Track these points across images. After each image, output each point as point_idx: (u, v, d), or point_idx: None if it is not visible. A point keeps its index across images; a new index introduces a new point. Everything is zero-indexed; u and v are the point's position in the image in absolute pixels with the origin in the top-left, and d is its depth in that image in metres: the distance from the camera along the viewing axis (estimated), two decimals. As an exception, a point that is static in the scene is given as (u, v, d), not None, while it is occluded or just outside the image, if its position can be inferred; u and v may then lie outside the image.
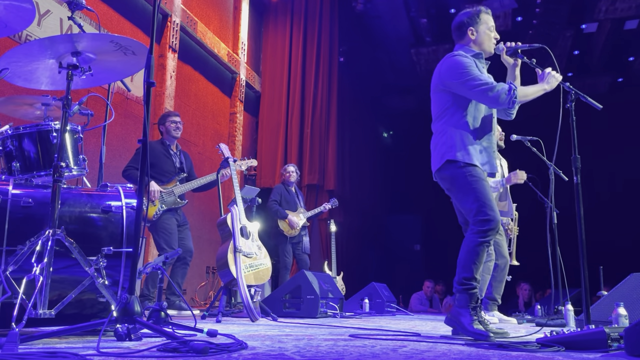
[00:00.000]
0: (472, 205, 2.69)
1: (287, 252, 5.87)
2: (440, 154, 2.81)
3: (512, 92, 2.69)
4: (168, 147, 4.61)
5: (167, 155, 4.57)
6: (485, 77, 2.77)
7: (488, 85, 2.69)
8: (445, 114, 2.84)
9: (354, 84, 10.32)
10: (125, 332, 1.89)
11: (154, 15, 2.21)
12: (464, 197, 2.74)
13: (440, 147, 2.82)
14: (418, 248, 11.81)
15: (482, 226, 2.65)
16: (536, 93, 2.76)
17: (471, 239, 2.68)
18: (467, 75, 2.73)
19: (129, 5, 5.58)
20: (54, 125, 2.46)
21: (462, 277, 2.67)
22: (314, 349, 1.91)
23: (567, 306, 4.18)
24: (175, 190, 4.46)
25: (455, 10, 8.66)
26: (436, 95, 2.91)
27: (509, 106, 2.73)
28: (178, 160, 4.64)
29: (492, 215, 2.65)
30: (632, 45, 9.83)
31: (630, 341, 1.84)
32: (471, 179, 2.71)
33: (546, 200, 5.16)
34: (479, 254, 2.65)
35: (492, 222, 2.64)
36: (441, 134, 2.84)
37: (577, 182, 2.47)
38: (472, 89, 2.72)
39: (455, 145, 2.75)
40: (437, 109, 2.90)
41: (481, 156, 2.77)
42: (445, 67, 2.84)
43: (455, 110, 2.81)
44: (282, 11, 8.61)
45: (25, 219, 2.22)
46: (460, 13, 3.00)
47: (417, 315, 6.46)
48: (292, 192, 6.09)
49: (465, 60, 2.78)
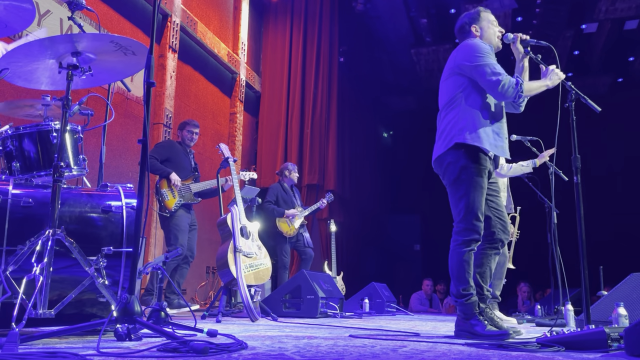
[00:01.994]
0: (460, 209, 2.71)
1: (285, 252, 5.84)
2: (449, 138, 2.76)
3: (519, 86, 2.69)
4: (185, 147, 4.88)
5: (185, 154, 4.83)
6: (499, 67, 2.75)
7: (498, 77, 2.68)
8: (460, 97, 2.79)
9: (354, 84, 10.32)
10: (125, 332, 1.89)
11: (154, 15, 2.21)
12: (455, 198, 2.75)
13: (450, 129, 2.76)
14: (418, 248, 11.81)
15: (465, 236, 2.68)
16: (539, 88, 2.76)
17: (457, 250, 2.70)
18: (481, 61, 2.72)
19: (129, 5, 5.58)
20: (54, 125, 2.46)
21: (460, 289, 2.68)
22: (314, 349, 1.91)
23: (567, 306, 4.18)
24: (191, 186, 4.68)
25: (455, 10, 8.66)
26: (449, 80, 2.86)
27: (514, 100, 2.73)
28: (193, 161, 4.91)
29: (477, 225, 2.67)
30: (632, 45, 9.83)
31: (630, 341, 1.84)
32: (469, 182, 2.69)
33: (546, 200, 5.17)
34: (468, 263, 2.69)
35: (475, 233, 2.67)
36: (452, 116, 2.78)
37: (577, 182, 2.47)
38: (482, 76, 2.71)
39: (467, 127, 2.71)
40: (449, 93, 2.85)
41: (492, 139, 2.73)
42: (462, 50, 2.83)
43: (470, 91, 2.78)
44: (282, 11, 8.61)
45: (25, 219, 2.22)
46: (460, 17, 3.02)
47: (417, 315, 6.46)
48: (289, 191, 6.02)
49: (484, 46, 2.78)
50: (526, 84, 2.74)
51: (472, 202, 2.67)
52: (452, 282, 2.72)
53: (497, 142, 2.76)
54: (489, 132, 2.74)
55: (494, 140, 2.74)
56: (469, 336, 2.63)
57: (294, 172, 6.07)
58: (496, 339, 2.50)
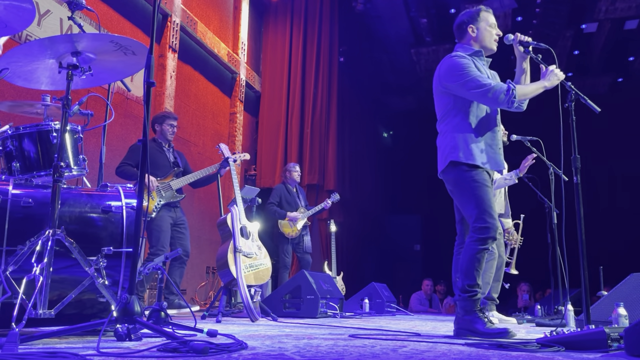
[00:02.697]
0: (472, 212, 2.73)
1: (286, 252, 5.85)
2: (444, 156, 2.84)
3: (510, 91, 2.69)
4: (161, 144, 4.64)
5: (159, 150, 4.60)
6: (484, 76, 2.76)
7: (486, 87, 2.70)
8: (448, 116, 2.86)
9: (354, 84, 10.32)
10: (125, 332, 1.89)
11: (154, 15, 2.21)
12: (466, 203, 2.77)
13: (444, 148, 2.85)
14: (418, 248, 11.81)
15: (481, 234, 2.69)
16: (536, 91, 2.76)
17: (471, 246, 2.71)
18: (465, 77, 2.73)
19: (129, 5, 5.58)
20: (54, 125, 2.45)
21: (466, 284, 2.69)
22: (314, 349, 1.91)
23: (567, 306, 4.18)
24: (172, 184, 4.47)
25: (455, 10, 8.66)
26: (438, 97, 2.93)
27: (508, 106, 2.74)
28: (172, 155, 4.67)
29: (491, 223, 2.69)
30: (632, 45, 9.83)
31: (630, 341, 1.84)
32: (474, 185, 2.73)
33: (546, 200, 5.17)
34: (480, 261, 2.69)
35: (490, 230, 2.68)
36: (444, 135, 2.87)
37: (577, 182, 2.47)
38: (470, 89, 2.73)
39: (458, 147, 2.77)
40: (440, 110, 2.93)
41: (484, 155, 2.77)
42: (444, 70, 2.85)
43: (457, 112, 2.83)
44: (282, 11, 8.61)
45: (25, 219, 2.22)
46: (460, 13, 3.02)
47: (417, 315, 6.46)
48: (293, 192, 6.02)
49: (463, 61, 2.79)
50: (521, 88, 2.74)
51: (481, 201, 2.70)
52: (460, 276, 2.73)
53: (489, 154, 2.80)
54: (482, 145, 2.79)
55: (486, 154, 2.79)
56: (468, 333, 2.64)
57: (293, 172, 6.06)
58: (496, 336, 2.50)
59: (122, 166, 4.37)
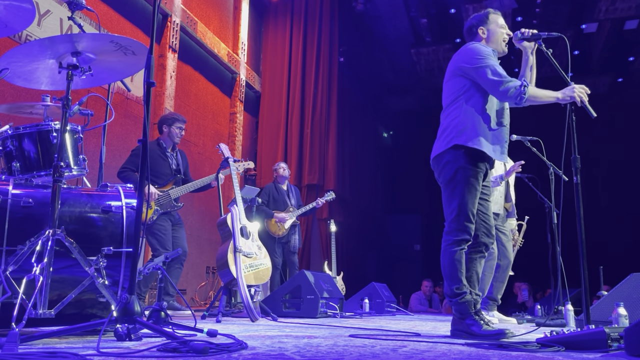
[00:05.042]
0: (452, 209, 2.73)
1: (276, 253, 5.84)
2: (448, 138, 2.77)
3: (522, 88, 2.67)
4: (165, 149, 4.57)
5: (163, 157, 4.53)
6: (501, 69, 2.76)
7: (501, 78, 2.69)
8: (462, 98, 2.80)
9: (354, 84, 10.32)
10: (125, 332, 1.89)
11: (154, 15, 2.21)
12: (449, 197, 2.76)
13: (450, 130, 2.78)
14: (418, 248, 11.81)
15: (456, 236, 2.70)
16: (547, 98, 2.70)
17: (448, 250, 2.72)
18: (483, 62, 2.74)
19: (129, 5, 5.58)
20: (54, 125, 2.45)
21: (453, 288, 2.70)
22: (314, 349, 1.91)
23: (567, 306, 4.18)
24: (171, 193, 4.44)
25: (455, 10, 8.65)
26: (451, 81, 2.88)
27: (516, 102, 2.72)
28: (175, 162, 4.61)
29: (468, 227, 2.69)
30: (632, 45, 9.84)
31: (630, 341, 1.84)
32: (463, 182, 2.70)
33: (546, 200, 5.16)
34: (460, 262, 2.70)
35: (466, 233, 2.69)
36: (453, 117, 2.79)
37: (577, 182, 2.47)
38: (485, 75, 2.72)
39: (467, 130, 2.72)
40: (451, 94, 2.86)
41: (491, 143, 2.74)
42: (463, 53, 2.85)
43: (472, 93, 2.79)
44: (282, 11, 8.61)
45: (25, 219, 2.22)
46: (470, 17, 3.05)
47: (417, 315, 6.46)
48: (282, 190, 6.01)
49: (485, 49, 2.81)
50: (533, 88, 2.72)
51: (465, 203, 2.69)
52: (445, 282, 2.74)
53: (495, 146, 2.77)
54: (489, 135, 2.75)
55: (492, 145, 2.75)
56: (465, 336, 2.63)
57: (279, 169, 6.05)
58: (493, 338, 2.50)
59: (124, 172, 4.36)
